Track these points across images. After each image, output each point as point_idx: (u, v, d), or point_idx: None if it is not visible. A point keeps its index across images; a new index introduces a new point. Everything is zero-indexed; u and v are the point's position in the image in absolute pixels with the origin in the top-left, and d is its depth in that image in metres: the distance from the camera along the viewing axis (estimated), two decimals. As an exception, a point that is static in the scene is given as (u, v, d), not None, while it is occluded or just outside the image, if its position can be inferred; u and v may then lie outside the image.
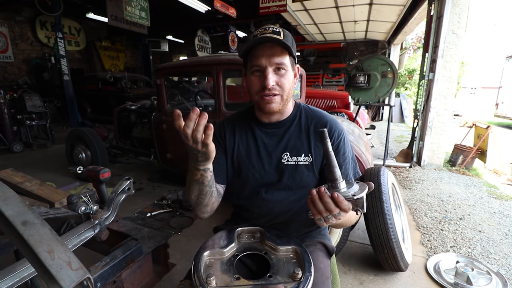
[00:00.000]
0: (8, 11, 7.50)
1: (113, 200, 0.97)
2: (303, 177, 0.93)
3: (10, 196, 0.52)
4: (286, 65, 0.85)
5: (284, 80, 0.86)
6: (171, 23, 9.29)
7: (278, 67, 0.85)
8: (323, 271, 0.89)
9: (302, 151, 0.93)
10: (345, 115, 4.33)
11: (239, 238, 0.87)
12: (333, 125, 0.95)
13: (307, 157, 0.93)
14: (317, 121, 0.95)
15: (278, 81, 0.86)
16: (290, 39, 0.86)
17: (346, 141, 0.95)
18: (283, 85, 0.86)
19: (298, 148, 0.93)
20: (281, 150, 0.94)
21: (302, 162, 0.92)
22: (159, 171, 3.76)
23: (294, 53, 0.87)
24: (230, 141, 0.98)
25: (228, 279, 0.71)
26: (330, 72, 8.97)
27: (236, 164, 0.98)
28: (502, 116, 12.66)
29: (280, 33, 0.84)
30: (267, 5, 5.51)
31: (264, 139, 0.96)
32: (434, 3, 3.86)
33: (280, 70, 0.85)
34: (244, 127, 0.99)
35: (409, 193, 3.22)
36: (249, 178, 0.96)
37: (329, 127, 0.93)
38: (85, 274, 0.43)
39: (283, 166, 0.93)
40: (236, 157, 0.97)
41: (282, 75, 0.85)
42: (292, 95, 0.93)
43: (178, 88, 3.58)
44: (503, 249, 2.15)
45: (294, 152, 0.93)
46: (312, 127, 0.94)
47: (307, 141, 0.94)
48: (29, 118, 5.07)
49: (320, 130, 0.68)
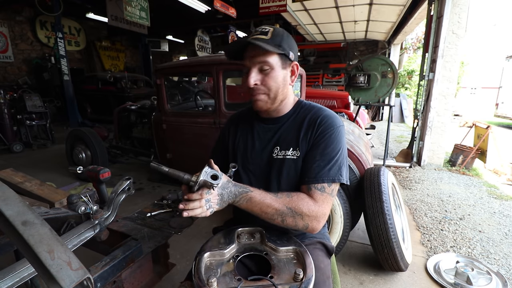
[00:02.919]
0: (8, 11, 7.50)
1: (113, 200, 0.97)
2: (290, 171, 0.91)
3: (10, 196, 0.52)
4: (270, 63, 0.86)
5: (268, 78, 0.87)
6: (171, 23, 9.29)
7: (261, 67, 0.86)
8: (324, 271, 0.89)
9: (291, 145, 0.92)
10: (345, 115, 4.33)
11: (239, 238, 0.87)
12: (325, 119, 0.90)
13: (295, 151, 0.91)
14: (311, 115, 0.93)
15: (262, 79, 0.88)
16: (280, 38, 0.86)
17: (334, 138, 0.88)
18: (267, 84, 0.87)
19: (287, 142, 0.93)
20: (273, 144, 0.95)
21: (289, 156, 0.91)
22: (159, 171, 3.76)
23: (287, 51, 0.87)
24: (232, 136, 1.04)
25: (229, 281, 0.71)
26: (330, 72, 8.98)
27: (235, 158, 1.02)
28: (502, 116, 12.67)
29: (268, 32, 0.85)
30: (267, 5, 5.51)
31: (261, 134, 0.98)
32: (434, 3, 3.86)
33: (264, 69, 0.87)
34: (247, 122, 1.03)
35: (409, 193, 3.22)
36: (245, 172, 0.99)
37: (319, 120, 0.90)
38: (85, 274, 0.43)
39: (273, 160, 0.94)
40: (236, 151, 1.02)
41: (266, 74, 0.87)
42: (286, 93, 0.92)
43: (178, 88, 3.58)
44: (503, 249, 2.15)
45: (283, 146, 0.93)
46: (306, 121, 0.92)
47: (296, 135, 0.92)
48: (29, 118, 5.07)
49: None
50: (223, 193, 0.80)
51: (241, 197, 0.82)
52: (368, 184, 1.77)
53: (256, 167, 0.98)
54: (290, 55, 0.87)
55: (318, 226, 0.84)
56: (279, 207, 0.82)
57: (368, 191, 1.75)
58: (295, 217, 0.82)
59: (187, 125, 2.75)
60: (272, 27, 0.88)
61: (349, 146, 1.98)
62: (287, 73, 0.91)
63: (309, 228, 0.84)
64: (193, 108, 3.16)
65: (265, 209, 0.82)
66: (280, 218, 0.82)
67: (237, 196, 0.82)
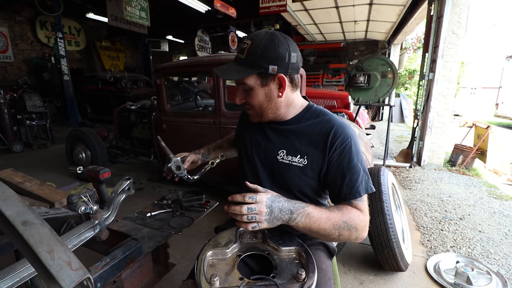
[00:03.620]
0: (8, 11, 7.50)
1: (113, 200, 0.97)
2: (294, 178, 0.90)
3: (10, 196, 0.52)
4: (248, 84, 0.86)
5: (249, 98, 0.89)
6: (171, 23, 9.28)
7: (243, 87, 0.89)
8: (326, 272, 0.89)
9: (298, 153, 0.91)
10: (345, 115, 4.33)
11: (241, 238, 0.87)
12: (339, 130, 0.87)
13: (302, 159, 0.90)
14: (322, 126, 0.89)
15: (245, 98, 0.91)
16: (256, 54, 0.81)
17: (353, 149, 0.86)
18: (250, 102, 0.90)
19: (295, 148, 0.91)
20: (279, 147, 0.94)
21: (296, 163, 0.90)
22: (159, 171, 3.76)
23: (266, 67, 0.81)
24: (243, 131, 1.09)
25: (232, 280, 0.71)
26: (330, 72, 8.97)
27: (241, 151, 1.06)
28: (502, 116, 12.67)
29: (243, 50, 0.83)
30: (267, 5, 5.51)
31: (268, 134, 0.98)
32: (434, 3, 3.86)
33: (246, 89, 0.89)
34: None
35: (409, 193, 3.22)
36: (249, 168, 1.01)
37: (333, 133, 0.87)
38: (85, 274, 0.43)
39: (277, 163, 0.93)
40: (244, 146, 1.04)
41: (247, 93, 0.89)
42: (275, 106, 0.89)
43: (178, 88, 3.58)
44: (503, 249, 2.15)
45: (290, 152, 0.92)
46: (317, 131, 0.89)
47: (306, 144, 0.90)
48: (29, 118, 5.07)
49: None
50: (273, 206, 0.74)
51: (298, 213, 0.76)
52: (368, 184, 1.77)
53: (260, 167, 0.98)
54: (269, 70, 0.81)
55: (365, 235, 0.84)
56: (336, 221, 0.79)
57: (368, 191, 1.75)
58: (351, 230, 0.80)
59: (187, 125, 2.75)
60: (251, 38, 0.83)
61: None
62: (270, 88, 0.86)
63: (359, 239, 0.83)
64: (193, 108, 3.16)
65: (324, 225, 0.78)
66: (337, 232, 0.79)
67: (294, 213, 0.76)
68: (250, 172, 1.01)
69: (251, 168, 1.01)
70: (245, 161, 1.03)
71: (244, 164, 1.04)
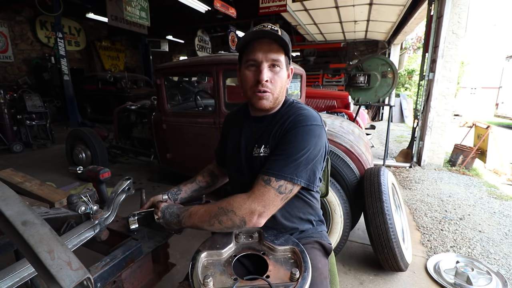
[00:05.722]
0: (8, 11, 7.50)
1: (113, 200, 0.97)
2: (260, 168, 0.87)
3: (10, 196, 0.52)
4: (282, 62, 0.85)
5: (277, 77, 0.86)
6: (171, 23, 9.29)
7: (273, 64, 0.85)
8: (321, 271, 0.89)
9: (263, 143, 0.89)
10: (345, 115, 4.33)
11: (237, 238, 0.87)
12: (298, 116, 0.86)
13: (265, 148, 0.88)
14: (291, 114, 0.88)
15: (271, 78, 0.86)
16: (287, 38, 0.85)
17: (300, 137, 0.81)
18: (276, 83, 0.86)
19: (263, 139, 0.90)
20: (253, 142, 0.93)
21: (262, 153, 0.89)
22: (159, 171, 3.76)
23: (290, 54, 0.87)
24: (226, 134, 1.07)
25: (226, 280, 0.71)
26: (330, 72, 8.97)
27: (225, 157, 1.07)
28: (502, 116, 12.66)
29: (278, 31, 0.84)
30: (267, 5, 5.51)
31: (247, 132, 0.97)
32: (434, 3, 3.86)
33: (275, 67, 0.85)
34: (238, 120, 1.04)
35: (409, 193, 3.22)
36: (232, 169, 1.02)
37: (292, 117, 0.86)
38: (85, 274, 0.43)
39: (252, 159, 0.92)
40: (226, 150, 1.05)
41: (276, 72, 0.86)
42: (284, 94, 0.92)
43: (178, 88, 3.58)
44: (503, 249, 2.15)
45: (259, 144, 0.90)
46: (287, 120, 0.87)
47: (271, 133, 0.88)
48: (29, 118, 5.07)
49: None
50: (165, 212, 0.93)
51: (183, 216, 0.88)
52: (368, 184, 1.77)
53: (238, 166, 0.97)
54: (290, 56, 0.89)
55: (256, 220, 0.80)
56: (213, 210, 0.84)
57: (368, 191, 1.75)
58: (228, 214, 0.81)
59: (187, 125, 2.75)
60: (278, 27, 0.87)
61: (349, 146, 1.98)
62: (288, 73, 0.91)
63: (248, 223, 0.80)
64: (193, 108, 3.16)
65: (204, 218, 0.84)
66: (216, 220, 0.82)
67: (179, 215, 0.89)
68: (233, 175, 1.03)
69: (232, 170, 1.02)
70: (228, 164, 1.03)
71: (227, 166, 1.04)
